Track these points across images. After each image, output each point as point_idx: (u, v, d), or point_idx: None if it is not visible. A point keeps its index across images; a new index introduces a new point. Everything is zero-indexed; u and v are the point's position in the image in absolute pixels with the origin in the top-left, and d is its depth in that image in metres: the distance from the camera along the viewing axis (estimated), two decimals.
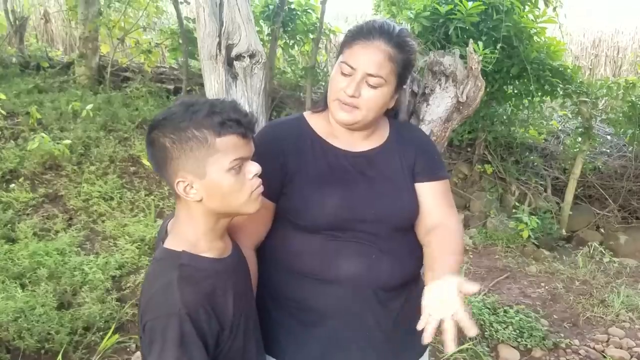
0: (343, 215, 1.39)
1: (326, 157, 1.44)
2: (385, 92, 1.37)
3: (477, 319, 3.48)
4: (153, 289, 1.15)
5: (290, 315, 1.45)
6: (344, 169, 1.43)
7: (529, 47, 4.97)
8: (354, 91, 1.34)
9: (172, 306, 1.10)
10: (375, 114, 1.40)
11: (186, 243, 1.19)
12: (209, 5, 1.63)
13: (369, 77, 1.34)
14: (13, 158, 4.72)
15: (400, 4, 5.18)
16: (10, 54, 7.12)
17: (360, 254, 1.40)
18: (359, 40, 1.36)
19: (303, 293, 1.43)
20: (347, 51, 1.37)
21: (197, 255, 1.19)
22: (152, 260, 1.24)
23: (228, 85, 1.63)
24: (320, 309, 1.42)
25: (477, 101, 1.75)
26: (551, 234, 5.45)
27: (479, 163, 6.17)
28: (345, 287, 1.40)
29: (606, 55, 9.16)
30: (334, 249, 1.39)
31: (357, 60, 1.34)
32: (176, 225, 1.24)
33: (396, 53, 1.35)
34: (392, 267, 1.43)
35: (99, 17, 6.46)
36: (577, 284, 4.43)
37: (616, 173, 6.16)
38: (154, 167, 1.19)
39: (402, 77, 1.40)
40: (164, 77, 7.04)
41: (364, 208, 1.40)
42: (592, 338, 3.59)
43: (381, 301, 1.43)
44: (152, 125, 1.15)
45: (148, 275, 1.21)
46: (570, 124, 6.68)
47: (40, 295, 3.10)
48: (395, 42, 1.35)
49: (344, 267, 1.39)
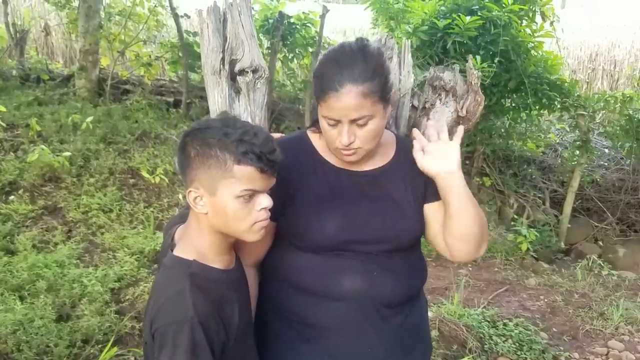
0: (343, 238, 1.40)
1: (327, 177, 1.45)
2: (377, 122, 1.35)
3: (477, 332, 3.48)
4: (164, 296, 1.17)
5: (292, 330, 1.46)
6: (346, 189, 1.44)
7: (526, 61, 5.01)
8: (348, 140, 1.34)
9: (185, 314, 1.13)
10: (377, 141, 1.40)
11: (196, 252, 1.23)
12: (213, 22, 1.65)
13: (355, 121, 1.32)
14: (13, 170, 4.72)
15: (399, 18, 5.23)
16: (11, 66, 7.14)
17: (362, 271, 1.41)
18: (329, 93, 1.31)
19: (306, 309, 1.44)
20: (323, 105, 1.34)
21: (207, 265, 1.23)
22: (161, 267, 1.26)
23: (231, 99, 1.64)
24: (322, 325, 1.43)
25: (477, 115, 1.77)
26: (550, 247, 5.46)
27: (478, 176, 6.19)
28: (347, 304, 1.40)
29: (603, 68, 9.23)
30: (336, 267, 1.40)
31: (337, 113, 1.32)
32: (186, 233, 1.27)
33: (369, 85, 1.30)
34: (393, 284, 1.43)
35: (99, 30, 6.49)
36: (576, 296, 4.43)
37: (614, 186, 6.19)
38: (178, 169, 1.24)
39: (385, 96, 1.36)
40: (164, 89, 7.07)
41: (364, 230, 1.41)
42: (592, 351, 3.59)
43: (383, 317, 1.43)
44: (188, 131, 1.21)
45: (158, 281, 1.23)
46: (568, 137, 6.72)
47: (39, 308, 3.09)
48: (363, 78, 1.29)
49: (346, 284, 1.40)
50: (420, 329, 1.56)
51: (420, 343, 1.55)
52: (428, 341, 1.61)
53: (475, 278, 4.70)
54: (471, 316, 3.66)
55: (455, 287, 4.15)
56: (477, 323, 3.58)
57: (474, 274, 4.79)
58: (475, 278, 4.69)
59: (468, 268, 4.94)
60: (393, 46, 1.75)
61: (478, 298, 4.21)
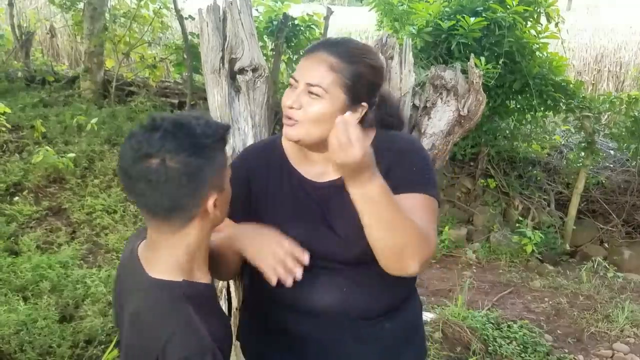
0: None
1: (292, 187, 1.40)
2: (327, 105, 1.29)
3: (481, 334, 3.46)
4: (171, 327, 1.05)
5: (275, 345, 1.45)
6: (308, 201, 1.38)
7: (531, 63, 4.99)
8: (293, 102, 1.29)
9: (202, 342, 1.05)
10: (320, 131, 1.30)
11: (181, 271, 1.13)
12: (213, 20, 1.65)
13: (309, 87, 1.29)
14: (17, 171, 4.75)
15: (403, 20, 5.22)
16: (16, 68, 7.19)
17: (331, 286, 1.36)
18: (305, 55, 1.34)
19: (285, 323, 1.41)
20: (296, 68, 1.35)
21: (195, 281, 1.15)
22: (139, 292, 1.12)
23: (231, 98, 1.64)
24: (300, 336, 1.40)
25: (479, 115, 1.76)
26: (555, 249, 5.43)
27: (482, 177, 6.17)
28: (321, 318, 1.37)
29: (609, 70, 9.19)
30: (307, 281, 1.34)
31: (299, 72, 1.32)
32: (160, 252, 1.14)
33: (339, 63, 1.28)
34: (365, 298, 1.38)
35: (104, 32, 6.53)
36: (581, 299, 4.41)
37: (619, 188, 6.15)
38: (173, 198, 1.08)
39: (355, 91, 1.30)
40: (169, 91, 7.10)
41: (325, 245, 1.35)
42: (597, 353, 3.56)
43: (361, 328, 1.39)
44: (159, 159, 1.07)
45: (146, 309, 1.09)
46: (573, 138, 6.68)
47: (42, 308, 3.10)
48: (338, 52, 1.30)
49: (316, 298, 1.36)
50: (410, 334, 1.50)
51: (410, 349, 1.50)
52: (422, 345, 1.56)
53: (480, 280, 4.68)
54: (475, 318, 3.65)
55: (459, 288, 4.13)
56: (481, 325, 3.56)
57: (478, 276, 4.77)
58: (479, 280, 4.67)
59: (472, 270, 4.92)
60: (394, 45, 1.75)
61: (482, 300, 4.19)
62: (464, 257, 5.18)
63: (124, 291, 1.18)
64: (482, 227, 5.72)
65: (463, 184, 6.20)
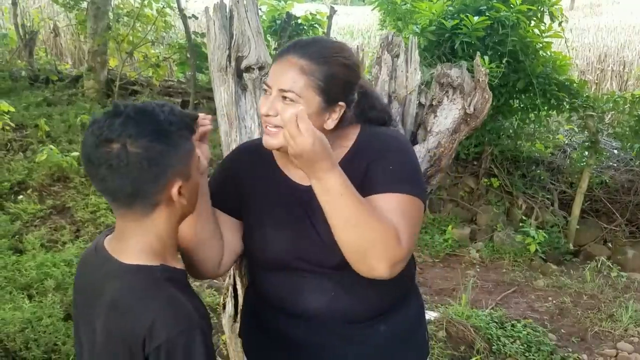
0: (289, 257, 1.35)
1: (279, 190, 1.39)
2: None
3: (485, 333, 3.46)
4: (155, 307, 1.03)
5: (270, 346, 1.46)
6: (293, 205, 1.37)
7: (534, 62, 4.99)
8: (269, 109, 1.26)
9: (190, 319, 1.03)
10: None
11: (155, 256, 1.10)
12: (219, 19, 1.66)
13: (282, 92, 1.25)
14: (22, 170, 4.76)
15: (406, 19, 5.22)
16: (20, 67, 7.21)
17: (318, 291, 1.36)
18: (275, 60, 1.30)
19: (277, 325, 1.42)
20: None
21: (172, 267, 1.13)
22: (116, 280, 1.08)
23: (237, 96, 1.65)
24: (292, 340, 1.40)
25: (485, 113, 1.76)
26: (558, 248, 5.42)
27: (486, 176, 6.16)
28: (312, 322, 1.37)
29: (612, 69, 9.18)
30: (294, 286, 1.36)
31: (271, 78, 1.28)
32: (130, 240, 1.11)
33: (310, 65, 1.25)
34: (353, 303, 1.36)
35: (107, 31, 6.54)
36: (584, 298, 4.40)
37: (623, 187, 6.14)
38: (133, 185, 1.07)
39: (329, 92, 1.27)
40: (172, 90, 7.11)
41: (310, 250, 1.33)
42: (601, 353, 3.56)
43: (352, 332, 1.38)
44: (121, 144, 1.05)
45: (131, 295, 1.06)
46: (577, 138, 6.67)
47: (47, 306, 3.10)
48: (309, 54, 1.26)
49: (306, 302, 1.36)
50: (408, 335, 1.49)
51: (409, 349, 1.48)
52: (423, 346, 1.55)
53: (483, 279, 4.67)
54: (479, 317, 3.64)
55: (463, 288, 4.13)
56: (485, 324, 3.56)
57: (482, 275, 4.77)
58: (483, 279, 4.67)
59: (476, 269, 4.92)
60: (400, 43, 1.75)
61: (486, 299, 4.19)
62: (468, 257, 5.18)
63: (90, 285, 1.14)
64: (485, 227, 5.72)
65: (466, 183, 6.20)
